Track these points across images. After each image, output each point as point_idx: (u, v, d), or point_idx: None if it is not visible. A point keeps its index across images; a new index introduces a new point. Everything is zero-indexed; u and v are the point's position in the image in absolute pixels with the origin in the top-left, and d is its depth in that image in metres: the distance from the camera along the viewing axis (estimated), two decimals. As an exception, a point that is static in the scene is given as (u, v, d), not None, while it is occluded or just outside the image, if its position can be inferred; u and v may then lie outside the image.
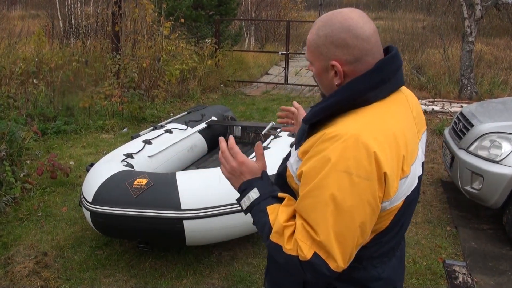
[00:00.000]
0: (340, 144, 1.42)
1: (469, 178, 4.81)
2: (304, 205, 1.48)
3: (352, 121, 1.48)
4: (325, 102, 1.54)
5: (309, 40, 1.63)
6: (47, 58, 9.67)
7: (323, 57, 1.57)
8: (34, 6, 27.80)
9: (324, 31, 1.56)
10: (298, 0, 25.79)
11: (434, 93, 11.53)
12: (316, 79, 1.68)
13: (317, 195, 1.44)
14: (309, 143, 1.53)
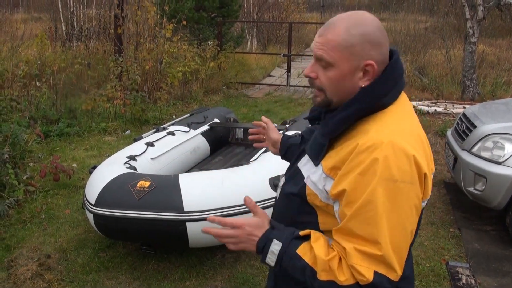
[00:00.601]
0: (379, 154, 1.40)
1: (472, 179, 4.80)
2: (355, 224, 1.42)
3: (379, 127, 1.47)
4: (344, 112, 1.51)
5: (336, 40, 1.49)
6: (50, 61, 9.69)
7: (355, 57, 1.50)
8: (37, 9, 27.88)
9: (358, 30, 1.50)
10: (300, 2, 25.79)
11: (437, 94, 11.53)
12: (333, 83, 1.53)
13: (370, 209, 1.39)
14: (338, 158, 1.48)
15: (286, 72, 13.78)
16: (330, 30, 1.52)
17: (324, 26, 1.55)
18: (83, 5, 17.90)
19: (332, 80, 1.53)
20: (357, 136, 1.47)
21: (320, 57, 1.52)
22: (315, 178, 1.55)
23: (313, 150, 1.60)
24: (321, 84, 1.55)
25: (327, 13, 41.93)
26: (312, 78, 1.57)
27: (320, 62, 1.54)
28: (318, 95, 1.58)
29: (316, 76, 1.55)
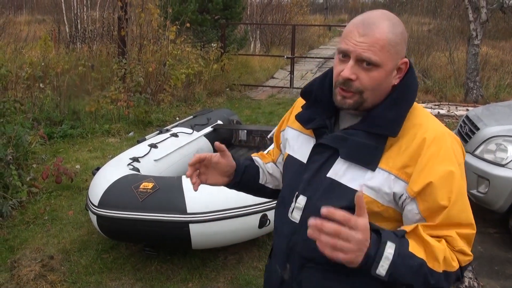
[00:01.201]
0: (447, 143, 1.49)
1: (475, 181, 4.80)
2: (454, 212, 1.44)
3: (428, 120, 1.54)
4: (397, 111, 1.52)
5: (385, 40, 1.46)
6: (54, 63, 9.71)
7: (398, 56, 1.51)
8: (40, 11, 27.95)
9: (399, 29, 1.51)
10: (303, 4, 25.81)
11: (440, 97, 11.52)
12: (376, 83, 1.50)
13: (462, 194, 1.46)
14: (405, 156, 1.47)
15: (289, 74, 13.80)
16: (375, 29, 1.46)
17: (361, 24, 1.48)
18: (87, 7, 17.95)
19: (376, 80, 1.49)
20: (411, 131, 1.50)
21: (367, 58, 1.45)
22: (376, 183, 1.49)
23: (364, 155, 1.51)
24: (361, 86, 1.49)
25: (330, 15, 42.01)
26: (352, 80, 1.48)
27: (362, 63, 1.47)
28: (350, 96, 1.51)
29: (356, 77, 1.48)
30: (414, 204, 1.47)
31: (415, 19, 20.69)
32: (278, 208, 1.78)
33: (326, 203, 1.40)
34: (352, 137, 1.53)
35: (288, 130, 1.82)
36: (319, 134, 1.63)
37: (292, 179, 1.70)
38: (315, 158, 1.61)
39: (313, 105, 1.68)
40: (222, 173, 1.82)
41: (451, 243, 1.44)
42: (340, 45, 1.51)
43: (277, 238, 1.75)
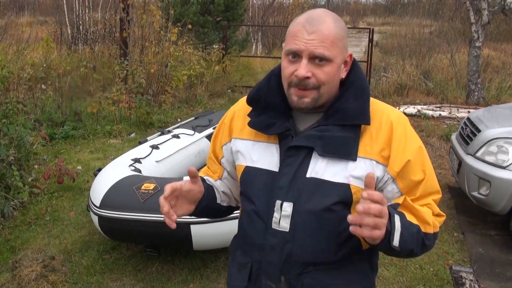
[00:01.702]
0: (406, 121, 1.63)
1: (476, 183, 4.80)
2: (429, 184, 1.61)
3: (382, 105, 1.66)
4: (363, 99, 1.58)
5: (333, 35, 1.50)
6: (55, 64, 9.73)
7: (344, 49, 1.57)
8: (42, 13, 27.98)
9: (341, 24, 1.55)
10: (305, 6, 25.82)
11: (441, 99, 11.52)
12: (330, 78, 1.53)
13: (430, 165, 1.63)
14: (380, 141, 1.56)
15: (290, 76, 13.78)
16: (322, 26, 1.50)
17: (307, 23, 1.51)
18: (89, 8, 17.97)
19: (330, 75, 1.52)
20: (376, 117, 1.58)
21: (320, 54, 1.48)
22: (361, 172, 1.54)
23: (342, 148, 1.55)
24: (317, 82, 1.51)
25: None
26: (309, 77, 1.50)
27: (314, 60, 1.50)
28: (308, 94, 1.53)
29: (312, 75, 1.51)
30: (394, 184, 1.58)
31: (417, 21, 20.70)
32: (250, 224, 1.68)
33: (316, 204, 1.56)
34: (325, 133, 1.55)
35: (237, 142, 1.74)
36: (283, 138, 1.62)
37: (262, 190, 1.64)
38: (289, 161, 1.59)
39: (265, 111, 1.65)
40: (192, 201, 1.67)
41: (430, 209, 1.61)
42: (290, 46, 1.53)
43: (261, 254, 1.65)
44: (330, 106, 1.59)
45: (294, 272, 1.61)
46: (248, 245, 1.72)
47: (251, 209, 1.67)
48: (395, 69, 13.45)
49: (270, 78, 1.69)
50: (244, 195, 1.72)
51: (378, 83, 12.41)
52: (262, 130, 1.64)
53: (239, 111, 1.77)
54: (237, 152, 1.73)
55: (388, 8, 42.25)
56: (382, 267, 4.28)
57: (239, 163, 1.73)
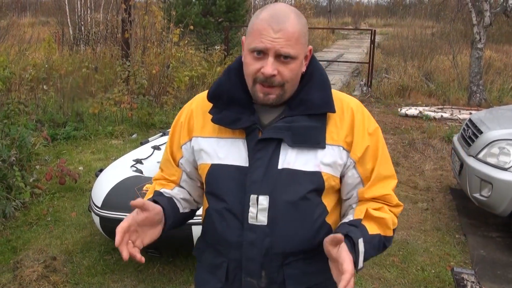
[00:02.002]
0: (364, 108, 1.70)
1: (478, 185, 4.79)
2: (383, 167, 1.67)
3: (340, 94, 1.70)
4: (325, 90, 1.63)
5: (297, 32, 1.52)
6: (57, 65, 9.75)
7: (306, 45, 1.60)
8: (44, 13, 28.02)
9: (302, 20, 1.57)
10: (307, 7, 25.85)
11: (443, 100, 11.52)
12: (294, 74, 1.56)
13: (385, 150, 1.70)
14: (344, 127, 1.61)
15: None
16: (287, 23, 1.51)
17: (273, 20, 1.51)
18: (91, 9, 17.99)
19: (294, 71, 1.55)
20: (337, 106, 1.62)
21: (286, 53, 1.50)
22: (330, 159, 1.59)
23: (311, 137, 1.58)
24: (282, 79, 1.53)
25: (334, 18, 42.01)
26: (274, 75, 1.52)
27: (280, 58, 1.51)
28: (273, 92, 1.54)
29: (277, 72, 1.52)
30: (354, 170, 1.64)
31: (419, 23, 20.71)
32: (222, 223, 1.65)
33: (292, 194, 1.59)
34: (293, 124, 1.58)
35: (199, 140, 1.71)
36: (249, 132, 1.61)
37: (233, 186, 1.63)
38: (259, 155, 1.60)
39: (228, 106, 1.64)
40: (154, 224, 1.60)
41: (389, 201, 1.66)
42: (255, 44, 1.52)
43: (239, 251, 1.63)
44: (292, 98, 1.62)
45: (275, 265, 1.62)
46: (221, 244, 1.69)
47: (222, 207, 1.65)
48: (397, 71, 13.47)
49: (229, 74, 1.69)
50: (212, 194, 1.69)
51: (379, 84, 12.41)
52: (227, 125, 1.62)
53: (197, 109, 1.74)
54: (200, 151, 1.70)
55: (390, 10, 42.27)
56: (383, 268, 4.28)
57: (202, 162, 1.70)
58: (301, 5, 24.91)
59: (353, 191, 1.67)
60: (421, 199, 5.88)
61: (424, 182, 6.44)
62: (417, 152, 7.68)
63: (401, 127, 9.02)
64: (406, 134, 8.57)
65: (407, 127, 9.03)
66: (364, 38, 28.61)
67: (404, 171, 6.88)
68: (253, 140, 1.60)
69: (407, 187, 6.24)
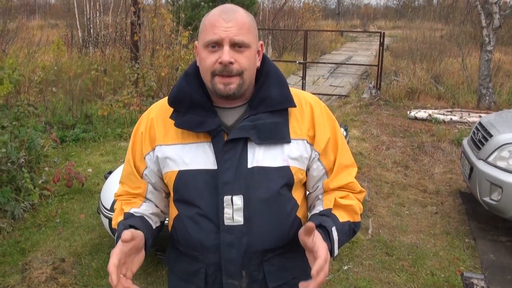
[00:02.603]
0: (321, 102, 1.76)
1: (488, 189, 4.76)
2: (343, 157, 1.73)
3: (296, 90, 1.73)
4: (283, 86, 1.67)
5: (247, 22, 1.58)
6: (66, 67, 9.79)
7: (257, 38, 1.64)
8: (53, 16, 28.15)
9: (250, 15, 1.63)
10: (315, 10, 25.81)
11: (452, 103, 11.46)
12: (251, 62, 1.59)
13: (344, 139, 1.76)
14: (306, 122, 1.67)
15: (301, 80, 13.77)
16: (237, 14, 1.57)
17: (223, 12, 1.56)
18: (100, 12, 18.05)
19: (250, 59, 1.58)
20: (296, 101, 1.67)
21: (240, 41, 1.54)
22: (297, 153, 1.64)
23: (276, 133, 1.62)
24: (240, 67, 1.55)
25: (343, 21, 41.94)
26: (232, 63, 1.54)
27: (234, 47, 1.55)
28: (233, 81, 1.56)
29: (234, 60, 1.54)
30: (319, 162, 1.70)
31: (428, 25, 20.60)
32: (195, 228, 1.65)
33: (265, 191, 1.61)
34: (257, 122, 1.60)
35: (163, 148, 1.68)
36: (215, 135, 1.61)
37: (204, 190, 1.62)
38: (227, 156, 1.60)
39: (189, 110, 1.64)
40: (138, 250, 1.56)
41: (353, 188, 1.73)
42: (210, 37, 1.55)
43: (217, 254, 1.63)
44: (252, 97, 1.66)
45: (254, 263, 1.64)
46: (196, 250, 1.68)
47: (195, 212, 1.64)
48: (406, 73, 13.41)
49: (187, 78, 1.70)
50: (182, 200, 1.68)
51: (389, 87, 12.36)
52: (192, 128, 1.62)
53: (157, 117, 1.72)
54: (165, 159, 1.67)
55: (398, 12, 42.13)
56: (393, 272, 4.26)
57: (168, 170, 1.67)
58: (309, 7, 24.86)
59: (319, 183, 1.73)
60: (430, 202, 5.85)
61: (434, 185, 6.41)
62: (427, 155, 7.64)
63: (410, 130, 8.98)
64: (416, 137, 8.53)
65: (416, 130, 8.99)
66: (373, 41, 28.55)
67: (414, 174, 6.85)
68: (219, 142, 1.61)
69: (417, 191, 6.21)
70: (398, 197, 5.98)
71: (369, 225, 5.14)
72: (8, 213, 4.97)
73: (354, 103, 11.29)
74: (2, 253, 4.49)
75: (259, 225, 1.62)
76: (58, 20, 24.55)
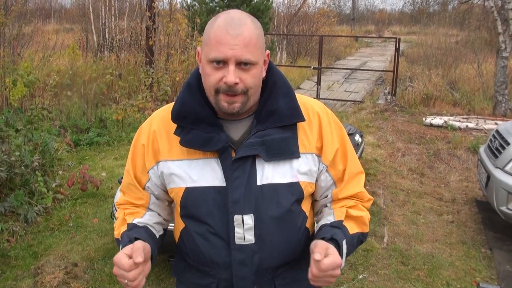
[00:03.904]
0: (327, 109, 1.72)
1: (505, 198, 4.69)
2: (353, 166, 1.69)
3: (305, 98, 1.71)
4: (290, 97, 1.61)
5: (254, 37, 1.49)
6: (81, 71, 9.83)
7: (263, 49, 1.56)
8: (69, 20, 28.40)
9: (258, 23, 1.56)
10: (330, 15, 25.79)
11: (468, 110, 11.37)
12: (256, 80, 1.53)
13: (352, 147, 1.73)
14: (314, 134, 1.62)
15: (316, 85, 13.73)
16: (244, 29, 1.48)
17: (229, 29, 1.47)
18: (115, 16, 18.16)
19: (256, 77, 1.52)
20: (303, 111, 1.62)
21: (247, 60, 1.47)
22: (306, 167, 1.61)
23: (285, 148, 1.57)
24: (245, 86, 1.50)
25: (357, 26, 41.88)
26: (237, 83, 1.48)
27: (240, 65, 1.48)
28: (237, 100, 1.51)
29: (239, 80, 1.49)
30: (327, 173, 1.66)
31: (443, 31, 20.48)
32: (206, 244, 1.61)
33: (276, 208, 1.58)
34: (266, 138, 1.56)
35: (168, 164, 1.63)
36: (223, 151, 1.56)
37: (213, 208, 1.59)
38: (236, 174, 1.56)
39: (195, 126, 1.58)
40: (146, 261, 1.49)
41: (362, 197, 1.71)
42: (214, 55, 1.48)
43: (229, 271, 1.61)
44: (259, 109, 1.60)
45: (266, 279, 1.64)
46: (207, 266, 1.65)
47: (205, 229, 1.61)
48: (421, 79, 13.32)
49: (190, 90, 1.63)
50: (190, 217, 1.64)
51: (404, 93, 12.28)
52: (199, 147, 1.56)
53: (159, 130, 1.66)
54: (171, 175, 1.62)
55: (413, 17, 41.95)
56: (408, 282, 4.20)
57: (174, 186, 1.63)
58: (324, 12, 24.83)
59: (327, 192, 1.70)
60: (446, 211, 5.78)
61: (449, 193, 6.34)
62: (442, 163, 7.57)
63: (426, 137, 8.90)
64: (431, 144, 8.45)
65: (432, 137, 8.91)
66: (388, 46, 28.47)
67: (429, 182, 6.78)
68: (227, 159, 1.56)
69: (432, 199, 6.14)
70: (413, 205, 5.91)
71: (385, 234, 5.09)
72: (21, 216, 4.98)
73: (369, 109, 11.23)
74: (14, 256, 4.49)
75: (271, 243, 1.60)
76: (73, 25, 24.78)
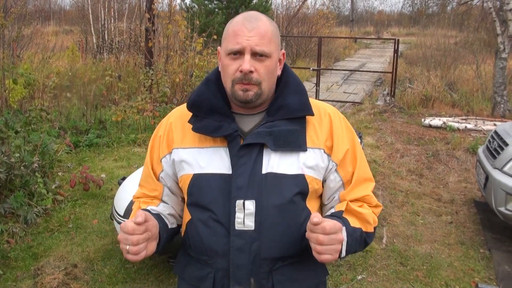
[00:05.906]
0: (340, 113, 1.76)
1: (503, 199, 4.70)
2: (362, 170, 1.71)
3: (315, 101, 1.74)
4: (302, 95, 1.68)
5: (270, 31, 1.60)
6: (81, 72, 9.84)
7: (279, 47, 1.65)
8: (68, 22, 28.42)
9: (274, 23, 1.65)
10: (329, 17, 25.81)
11: (467, 111, 11.39)
12: (270, 72, 1.61)
13: (362, 152, 1.75)
14: (324, 131, 1.67)
15: (315, 86, 13.74)
16: (260, 23, 1.58)
17: (246, 20, 1.59)
18: (114, 18, 18.17)
19: (269, 69, 1.60)
20: (315, 111, 1.67)
21: (261, 51, 1.56)
22: (313, 161, 1.63)
23: (293, 140, 1.62)
24: (259, 77, 1.58)
25: (356, 28, 41.90)
26: (252, 72, 1.57)
27: (255, 56, 1.57)
28: (251, 88, 1.58)
29: (254, 69, 1.57)
30: (336, 173, 1.69)
31: (442, 32, 20.49)
32: (208, 232, 1.64)
33: (278, 197, 1.60)
34: (274, 129, 1.61)
35: (180, 151, 1.69)
36: (231, 140, 1.62)
37: (217, 194, 1.62)
38: (242, 161, 1.61)
39: (208, 115, 1.66)
40: (151, 237, 1.54)
41: (369, 201, 1.72)
42: (232, 46, 1.58)
43: (226, 259, 1.62)
44: (271, 104, 1.67)
45: (263, 271, 1.63)
46: (206, 254, 1.67)
47: (208, 216, 1.64)
48: (420, 80, 13.34)
49: (208, 84, 1.72)
50: (195, 204, 1.68)
51: (403, 94, 12.30)
52: (209, 133, 1.64)
53: (175, 122, 1.75)
54: (181, 162, 1.68)
55: (412, 19, 42.01)
56: (407, 283, 4.21)
57: (184, 173, 1.68)
58: (323, 14, 24.85)
59: (335, 194, 1.72)
60: (445, 212, 5.79)
61: (448, 194, 6.35)
62: (441, 164, 7.58)
63: (424, 138, 8.92)
64: (430, 145, 8.47)
65: (431, 138, 8.93)
66: (387, 48, 28.49)
67: (428, 183, 6.79)
68: (235, 147, 1.62)
69: (431, 200, 6.16)
70: (412, 206, 5.92)
71: (384, 234, 5.10)
72: (21, 217, 4.99)
73: (368, 110, 11.25)
74: (14, 257, 4.50)
75: (270, 232, 1.61)
76: (72, 26, 24.78)
